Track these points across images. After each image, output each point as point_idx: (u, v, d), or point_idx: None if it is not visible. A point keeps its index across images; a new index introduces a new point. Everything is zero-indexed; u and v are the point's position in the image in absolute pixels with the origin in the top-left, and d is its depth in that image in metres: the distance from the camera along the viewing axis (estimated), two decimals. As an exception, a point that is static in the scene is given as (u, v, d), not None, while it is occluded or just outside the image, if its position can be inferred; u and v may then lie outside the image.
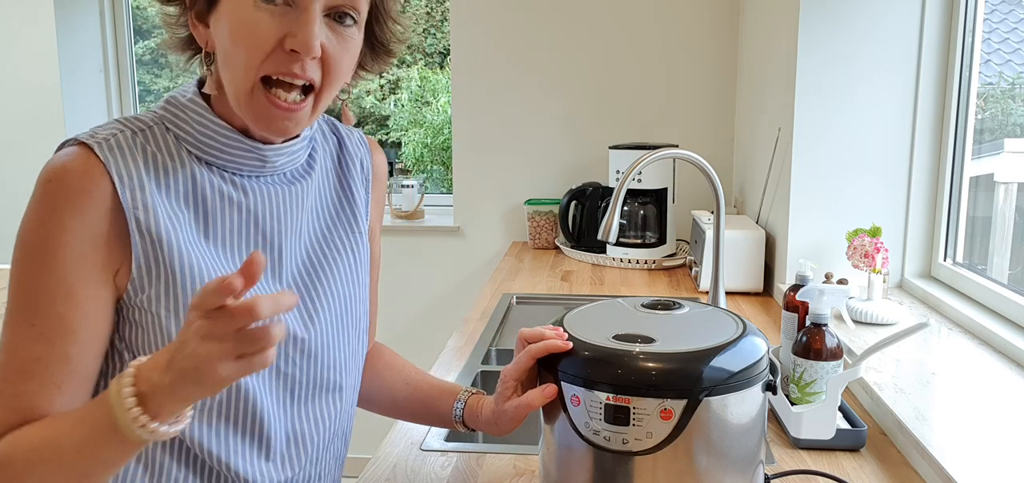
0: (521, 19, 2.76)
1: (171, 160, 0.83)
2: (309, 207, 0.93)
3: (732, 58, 2.73)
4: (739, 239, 2.04)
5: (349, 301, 0.95)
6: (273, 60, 0.79)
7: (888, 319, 1.60)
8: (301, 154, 0.91)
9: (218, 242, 0.85)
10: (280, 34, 0.78)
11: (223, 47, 0.80)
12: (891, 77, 1.82)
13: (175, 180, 0.83)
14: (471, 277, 2.96)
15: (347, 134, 1.01)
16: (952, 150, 1.79)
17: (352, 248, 0.97)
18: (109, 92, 3.24)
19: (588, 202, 2.56)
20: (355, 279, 0.97)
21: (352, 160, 0.99)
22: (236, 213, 0.86)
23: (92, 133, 0.80)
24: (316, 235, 0.94)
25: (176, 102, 0.85)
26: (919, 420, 1.14)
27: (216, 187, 0.85)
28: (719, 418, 0.81)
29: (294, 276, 0.91)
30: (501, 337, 1.87)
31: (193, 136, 0.84)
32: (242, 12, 0.78)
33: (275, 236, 0.89)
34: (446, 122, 3.84)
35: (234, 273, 0.65)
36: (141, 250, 0.79)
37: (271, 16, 0.78)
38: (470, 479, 1.11)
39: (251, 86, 0.80)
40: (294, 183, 0.91)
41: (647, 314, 0.93)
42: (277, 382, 0.88)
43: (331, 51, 0.81)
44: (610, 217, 1.49)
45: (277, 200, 0.89)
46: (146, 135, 0.83)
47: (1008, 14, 1.81)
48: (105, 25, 3.19)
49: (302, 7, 0.78)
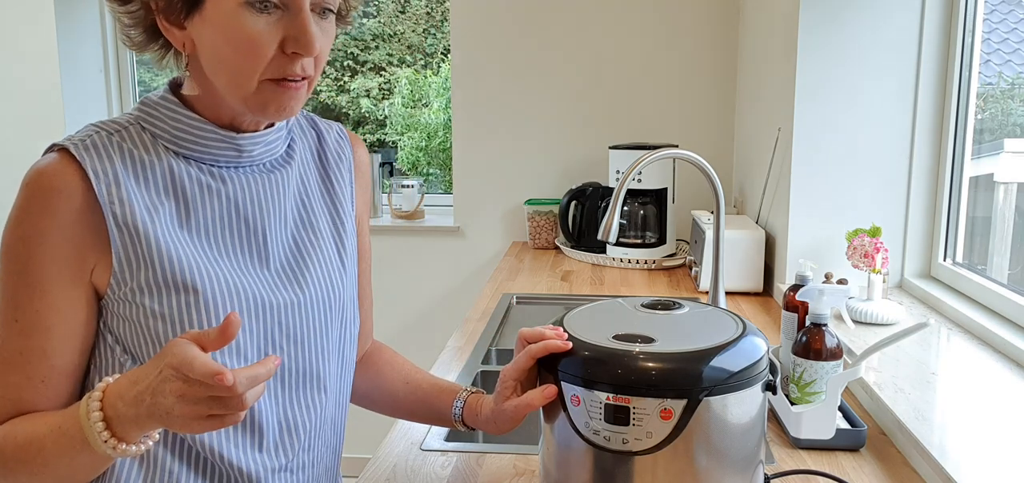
0: (521, 19, 2.77)
1: (147, 155, 0.85)
2: (292, 195, 0.94)
3: (732, 58, 2.73)
4: (739, 239, 2.04)
5: (332, 286, 0.95)
6: (275, 65, 0.81)
7: (888, 319, 1.60)
8: (278, 145, 0.93)
9: (200, 231, 0.86)
10: (278, 38, 0.80)
11: (217, 54, 0.81)
12: (891, 77, 1.82)
13: (153, 174, 0.84)
14: (471, 277, 2.96)
15: (326, 128, 1.02)
16: (952, 150, 1.79)
17: (336, 236, 0.98)
18: (109, 92, 3.24)
19: (588, 202, 2.56)
20: (341, 267, 0.97)
21: (332, 152, 1.01)
22: (216, 201, 0.87)
23: (69, 137, 0.83)
24: (300, 223, 0.95)
25: (149, 102, 0.87)
26: (919, 420, 1.14)
27: (194, 177, 0.86)
28: (719, 418, 0.81)
29: (281, 263, 0.91)
30: (501, 337, 1.87)
31: (168, 131, 0.86)
32: (235, 21, 0.79)
33: (257, 223, 0.89)
34: (441, 125, 3.84)
35: (215, 334, 0.70)
36: (120, 243, 0.81)
37: (267, 23, 0.79)
38: (470, 479, 1.11)
39: (255, 86, 0.82)
40: (273, 172, 0.92)
41: (647, 314, 0.93)
42: None
43: (319, 44, 0.83)
44: (610, 217, 1.49)
45: (257, 188, 0.90)
46: (122, 134, 0.85)
47: (1008, 14, 1.81)
48: (105, 25, 3.19)
49: (296, 9, 0.80)
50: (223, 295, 0.84)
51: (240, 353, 0.86)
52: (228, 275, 0.86)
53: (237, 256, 0.88)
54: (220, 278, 0.85)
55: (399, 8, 3.94)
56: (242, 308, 0.86)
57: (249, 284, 0.87)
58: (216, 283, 0.84)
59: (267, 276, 0.89)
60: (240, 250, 0.88)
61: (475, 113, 2.84)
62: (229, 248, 0.87)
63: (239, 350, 0.86)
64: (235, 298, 0.85)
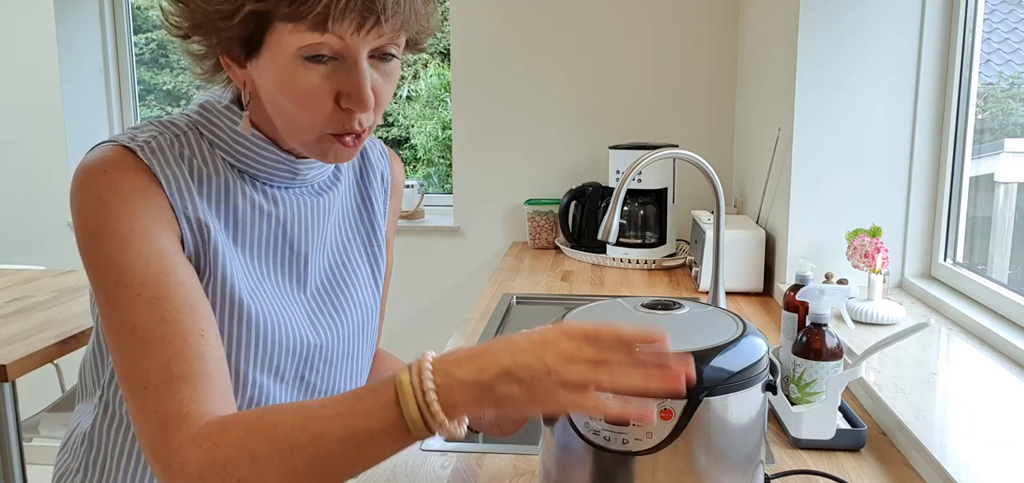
0: (521, 19, 2.76)
1: (205, 165, 0.83)
2: (333, 218, 0.94)
3: (732, 58, 2.72)
4: (739, 239, 2.04)
5: (368, 310, 0.97)
6: (333, 121, 0.78)
7: (888, 319, 1.60)
8: (329, 166, 0.93)
9: (247, 249, 0.85)
10: (334, 92, 0.77)
11: (275, 101, 0.79)
12: (891, 77, 1.82)
13: (209, 185, 0.83)
14: (471, 277, 2.96)
15: (370, 145, 1.03)
16: (952, 150, 1.79)
17: (371, 259, 0.99)
18: (109, 92, 3.24)
19: (588, 202, 2.56)
20: (374, 289, 0.99)
21: (374, 171, 1.01)
22: (266, 223, 0.86)
23: (131, 136, 0.80)
24: (338, 245, 0.95)
25: (211, 108, 0.85)
26: (919, 420, 1.14)
27: (247, 196, 0.85)
28: (719, 418, 0.81)
29: (318, 286, 0.92)
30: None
31: (227, 143, 0.84)
32: (292, 73, 0.76)
33: (301, 246, 0.89)
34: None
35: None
36: (193, 244, 0.79)
37: (322, 77, 0.76)
38: (470, 479, 1.11)
39: (314, 138, 0.80)
40: (321, 194, 0.92)
41: (647, 314, 0.93)
42: (298, 387, 0.90)
43: (380, 91, 0.80)
44: (610, 217, 1.49)
45: (305, 211, 0.90)
46: (182, 141, 0.82)
47: (1008, 14, 1.81)
48: (105, 25, 3.19)
49: (351, 61, 0.76)
50: (268, 316, 0.84)
51: (280, 375, 0.86)
52: (272, 297, 0.86)
53: (279, 278, 0.88)
54: (265, 299, 0.85)
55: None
56: (284, 331, 0.85)
57: (289, 307, 0.87)
58: (261, 303, 0.84)
59: (304, 300, 0.90)
60: (281, 272, 0.88)
61: (475, 113, 2.84)
62: (272, 269, 0.87)
63: (279, 372, 0.86)
64: (278, 320, 0.85)
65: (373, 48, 0.77)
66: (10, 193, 3.14)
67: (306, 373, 0.89)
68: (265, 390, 0.85)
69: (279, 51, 0.75)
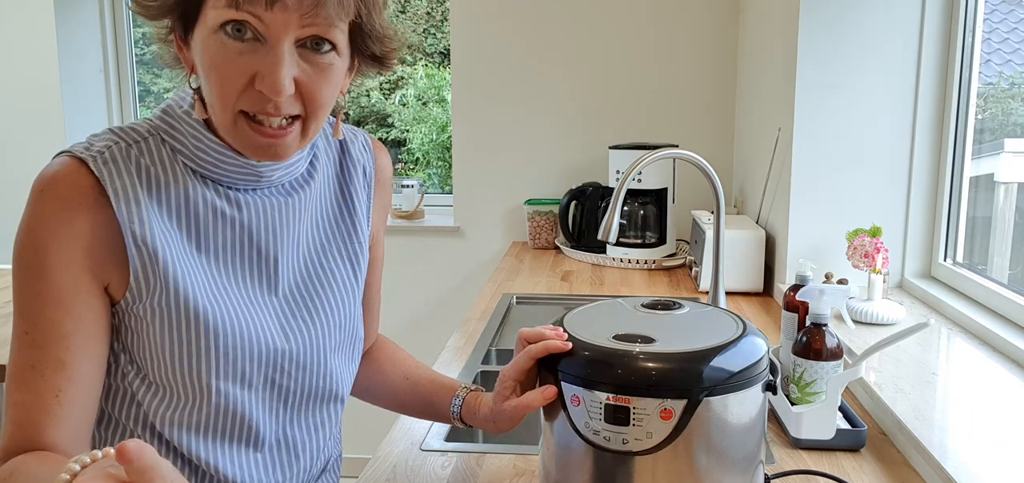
0: (521, 19, 2.76)
1: (164, 173, 0.82)
2: (309, 217, 0.92)
3: (732, 58, 2.72)
4: (739, 239, 2.04)
5: (347, 311, 0.95)
6: (247, 98, 0.76)
7: (888, 319, 1.60)
8: (300, 165, 0.90)
9: (209, 255, 0.84)
10: (251, 72, 0.75)
11: (203, 80, 0.78)
12: (891, 77, 1.82)
13: (168, 194, 0.81)
14: (471, 277, 2.96)
15: (351, 138, 0.99)
16: (952, 150, 1.79)
17: (350, 258, 0.96)
18: (109, 92, 3.24)
19: (588, 202, 2.56)
20: (353, 290, 0.96)
21: (355, 166, 0.98)
22: (229, 228, 0.85)
23: (87, 145, 0.79)
24: (314, 245, 0.93)
25: (172, 113, 0.84)
26: (919, 420, 1.14)
27: (209, 202, 0.83)
28: (719, 418, 0.81)
29: (290, 287, 0.90)
30: (501, 337, 1.87)
31: (188, 149, 0.82)
32: (212, 45, 0.75)
33: (269, 249, 0.88)
34: (450, 120, 3.84)
35: None
36: (139, 262, 0.79)
37: (240, 53, 0.75)
38: (470, 479, 1.11)
39: (231, 118, 0.78)
40: (292, 194, 0.89)
41: (647, 314, 0.93)
42: (269, 392, 0.88)
43: (308, 83, 0.77)
44: (610, 217, 1.49)
45: (273, 213, 0.87)
46: (140, 147, 0.81)
47: (1008, 14, 1.81)
48: (105, 25, 3.19)
49: (271, 45, 0.75)
50: (231, 323, 0.83)
51: (246, 382, 0.85)
52: (237, 304, 0.85)
53: (246, 283, 0.86)
54: (229, 306, 0.84)
55: (399, 8, 3.94)
56: (249, 337, 0.84)
57: (256, 312, 0.86)
58: (224, 311, 0.83)
59: (275, 302, 0.88)
60: (249, 276, 0.87)
61: (475, 113, 2.84)
62: (238, 274, 0.86)
63: (245, 379, 0.85)
64: (243, 327, 0.84)
65: (302, 36, 0.76)
66: (10, 193, 3.14)
67: (277, 377, 0.88)
68: (232, 398, 0.84)
69: (204, 26, 0.76)
